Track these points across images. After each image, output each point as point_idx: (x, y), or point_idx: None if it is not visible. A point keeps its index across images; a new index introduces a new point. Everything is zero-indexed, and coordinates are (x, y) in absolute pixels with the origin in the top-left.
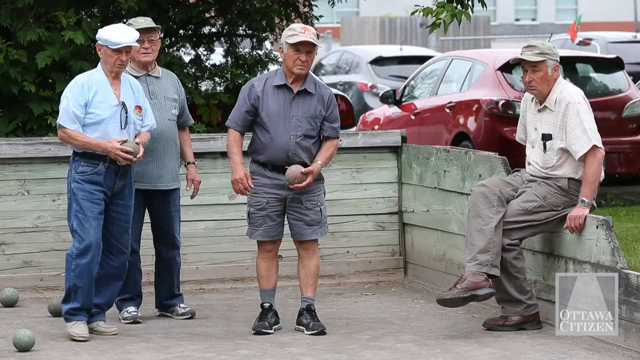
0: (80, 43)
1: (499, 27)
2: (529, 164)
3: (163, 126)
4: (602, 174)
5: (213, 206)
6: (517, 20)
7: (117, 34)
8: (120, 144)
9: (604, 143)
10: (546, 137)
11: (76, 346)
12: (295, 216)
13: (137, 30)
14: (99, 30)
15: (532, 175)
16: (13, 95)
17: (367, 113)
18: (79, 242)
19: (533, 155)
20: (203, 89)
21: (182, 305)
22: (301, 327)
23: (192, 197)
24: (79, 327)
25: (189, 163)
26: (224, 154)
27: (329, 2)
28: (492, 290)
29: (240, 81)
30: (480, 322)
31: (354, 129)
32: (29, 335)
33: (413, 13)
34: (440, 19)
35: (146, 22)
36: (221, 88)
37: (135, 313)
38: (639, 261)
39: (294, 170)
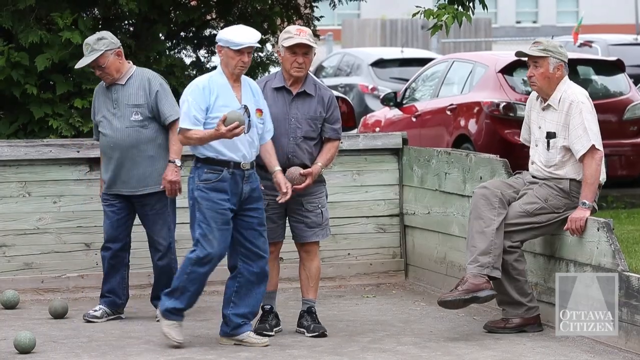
0: (77, 43)
1: (500, 29)
2: (532, 163)
3: (119, 135)
4: (604, 176)
5: None
6: (518, 22)
7: (239, 35)
8: (224, 122)
9: (605, 146)
10: (550, 135)
11: (77, 348)
12: (297, 218)
13: (81, 67)
14: (220, 32)
15: (534, 176)
16: (14, 97)
17: (368, 115)
18: (200, 252)
19: (536, 154)
20: None
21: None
22: (302, 330)
23: (167, 195)
24: (175, 330)
25: (169, 161)
26: None
27: (330, 4)
28: (493, 292)
29: None
30: (481, 324)
31: (354, 131)
32: (30, 337)
33: (414, 15)
34: (441, 20)
35: (90, 50)
36: None
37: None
38: None
39: (293, 171)
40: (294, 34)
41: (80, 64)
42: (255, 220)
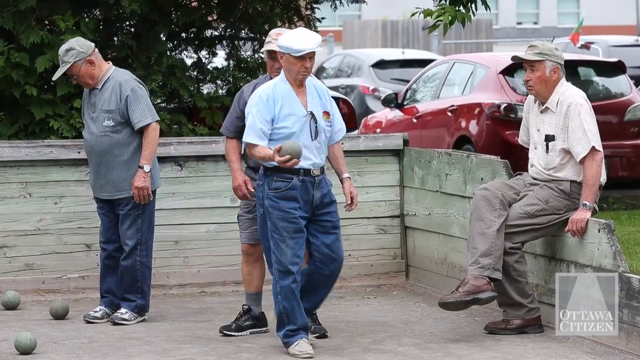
0: None
1: (501, 30)
2: (532, 166)
3: (94, 139)
4: (604, 177)
5: (215, 209)
6: (519, 23)
7: (299, 42)
8: (279, 152)
9: (606, 147)
10: (549, 138)
11: (78, 349)
12: None
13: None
14: (280, 38)
15: (534, 178)
16: (15, 98)
17: (369, 116)
18: (277, 264)
19: (536, 157)
20: (205, 92)
21: (120, 310)
22: None
23: (136, 200)
24: (302, 346)
25: (138, 167)
26: (225, 157)
27: (331, 5)
28: (494, 293)
29: (242, 84)
30: (481, 325)
31: (355, 132)
32: (31, 338)
33: (413, 15)
34: (440, 20)
35: (61, 62)
36: (223, 91)
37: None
38: None
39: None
40: (273, 38)
41: (55, 76)
42: (330, 224)
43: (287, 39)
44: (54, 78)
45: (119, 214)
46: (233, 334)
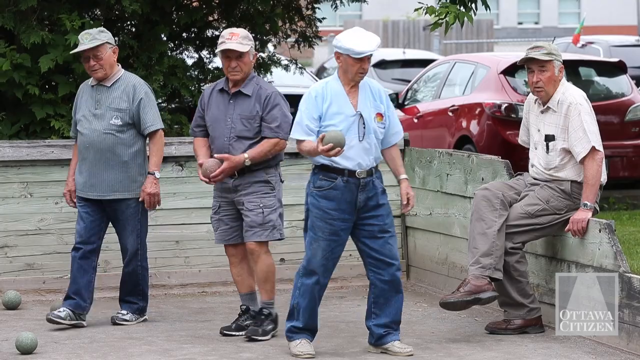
0: None
1: (502, 30)
2: (532, 166)
3: (95, 136)
4: (605, 177)
5: None
6: (520, 23)
7: (360, 43)
8: (322, 141)
9: (606, 147)
10: (549, 138)
11: (78, 349)
12: (241, 217)
13: (82, 50)
14: (337, 38)
15: (535, 178)
16: (16, 98)
17: None
18: (306, 262)
19: (536, 157)
20: None
21: (121, 311)
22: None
23: (146, 208)
24: (303, 346)
25: (148, 173)
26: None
27: (331, 5)
28: (495, 293)
29: None
30: (482, 325)
31: None
32: (32, 338)
33: (416, 9)
34: (442, 19)
35: (91, 38)
36: None
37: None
38: None
39: (211, 162)
40: (226, 38)
41: (79, 48)
42: (377, 227)
43: (348, 40)
44: (75, 51)
45: (119, 219)
46: (234, 333)
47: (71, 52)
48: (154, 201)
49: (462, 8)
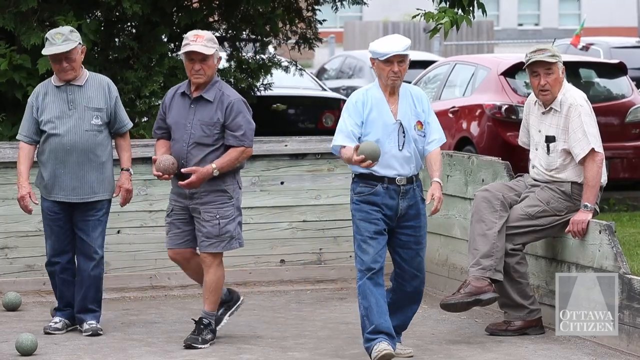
0: None
1: (502, 32)
2: (533, 167)
3: (77, 137)
4: (605, 178)
5: None
6: (520, 25)
7: (384, 45)
8: (356, 151)
9: (607, 148)
10: (550, 139)
11: (78, 350)
12: (197, 226)
13: (53, 53)
14: (371, 44)
15: (535, 180)
16: (16, 99)
17: None
18: (359, 264)
19: (537, 158)
20: None
21: (89, 321)
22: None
23: (121, 204)
24: (381, 344)
25: (122, 169)
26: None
27: (332, 6)
28: (496, 294)
29: (243, 85)
30: (482, 327)
31: None
32: (32, 339)
33: (414, 17)
34: (441, 23)
35: (64, 39)
36: None
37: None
38: None
39: (164, 160)
40: (191, 40)
41: (54, 50)
42: (412, 238)
43: (375, 43)
44: (49, 53)
45: (90, 220)
46: (200, 346)
47: (44, 54)
48: (130, 197)
49: (460, 12)
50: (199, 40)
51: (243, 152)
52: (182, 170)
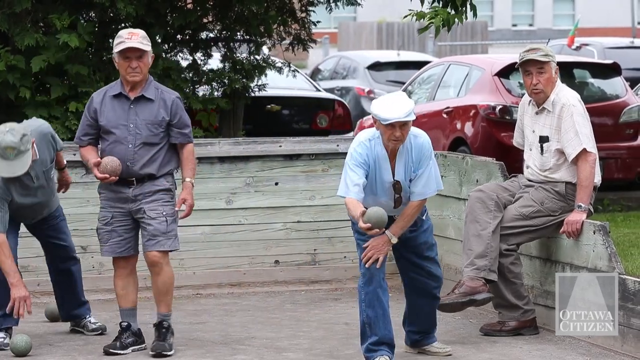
0: (75, 46)
1: (496, 32)
2: (527, 167)
3: (36, 200)
4: (599, 178)
5: (210, 211)
6: (514, 25)
7: (386, 110)
8: (362, 217)
9: (601, 149)
10: (543, 140)
11: (73, 351)
12: (141, 227)
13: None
14: (373, 101)
15: (529, 180)
16: (9, 100)
17: (364, 118)
18: (364, 269)
19: (531, 158)
20: (201, 94)
21: (92, 320)
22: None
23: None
24: (383, 359)
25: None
26: (221, 159)
27: (326, 7)
28: (490, 295)
29: (237, 86)
30: (477, 327)
31: (351, 134)
32: (26, 340)
33: (405, 17)
34: (432, 23)
35: (16, 153)
36: (219, 93)
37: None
38: (636, 266)
39: (108, 162)
40: (125, 38)
41: (16, 172)
42: (424, 246)
43: (377, 104)
44: (10, 175)
45: (52, 224)
46: (119, 352)
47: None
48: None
49: (452, 11)
50: (134, 38)
51: (193, 149)
52: (181, 197)
